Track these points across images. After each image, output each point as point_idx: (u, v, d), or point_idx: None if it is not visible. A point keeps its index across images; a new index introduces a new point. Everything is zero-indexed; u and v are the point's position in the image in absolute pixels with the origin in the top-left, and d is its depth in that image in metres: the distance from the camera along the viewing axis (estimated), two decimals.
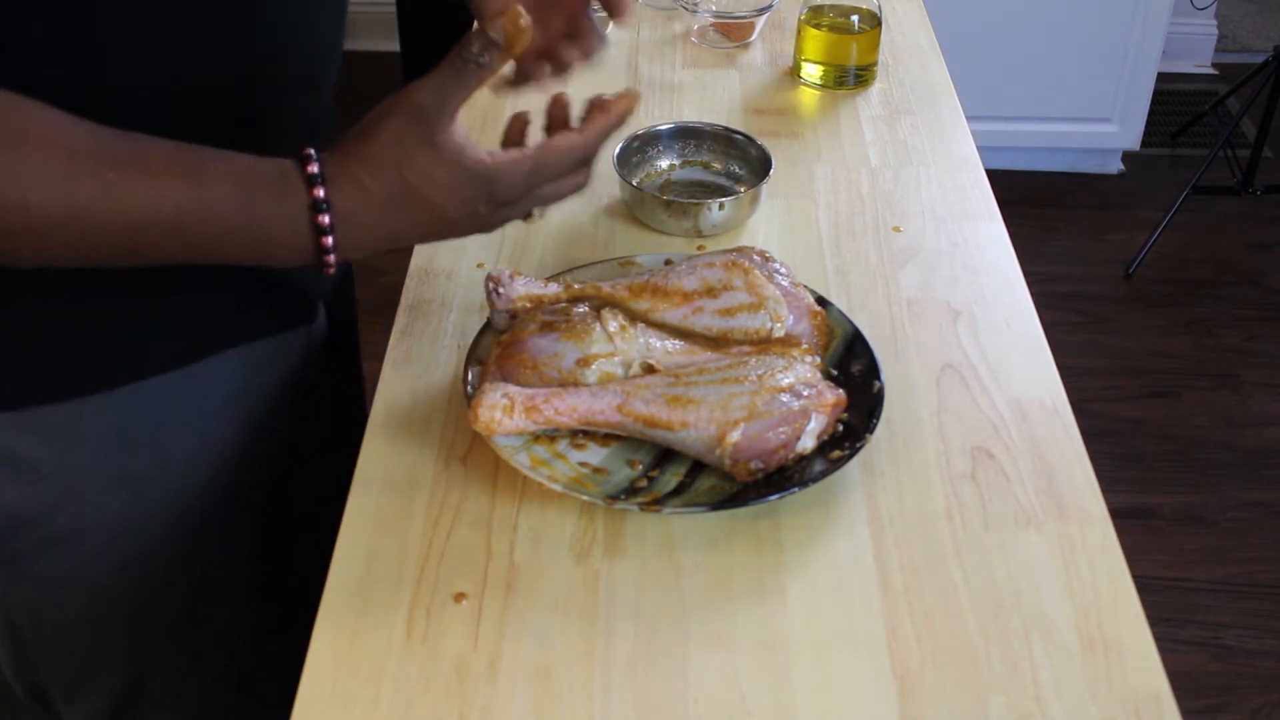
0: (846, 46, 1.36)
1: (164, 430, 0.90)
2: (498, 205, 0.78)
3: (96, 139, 0.70)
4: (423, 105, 0.74)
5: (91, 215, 0.69)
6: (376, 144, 0.74)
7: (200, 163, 0.73)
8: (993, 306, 1.05)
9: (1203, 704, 1.88)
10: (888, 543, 0.84)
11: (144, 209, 0.70)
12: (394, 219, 0.76)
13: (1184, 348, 2.58)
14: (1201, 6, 3.33)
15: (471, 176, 0.75)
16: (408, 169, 0.74)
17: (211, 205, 0.72)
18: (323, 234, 0.74)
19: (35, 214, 0.68)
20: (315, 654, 0.76)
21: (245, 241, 0.74)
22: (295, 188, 0.73)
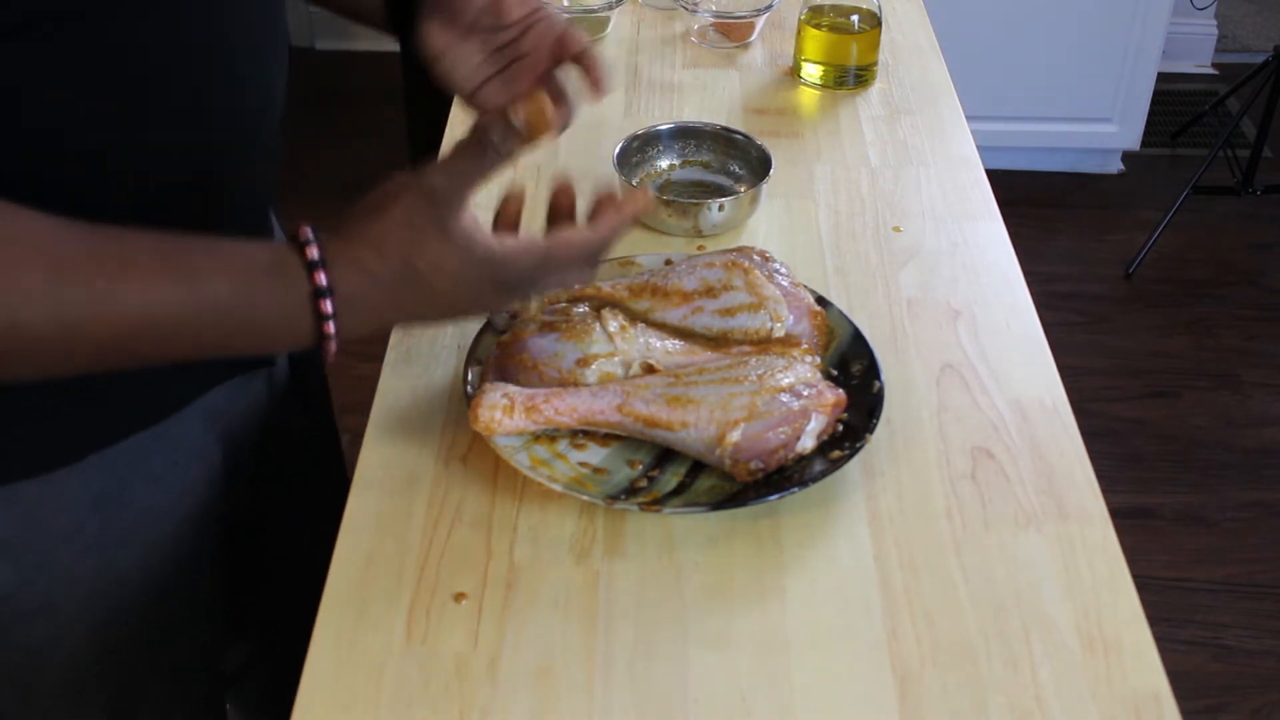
0: (846, 46, 1.36)
1: (133, 491, 0.89)
2: (502, 292, 0.76)
3: (81, 244, 0.66)
4: (436, 189, 0.71)
5: (83, 326, 0.66)
6: (384, 226, 0.71)
7: (192, 258, 0.69)
8: (993, 306, 1.05)
9: (1203, 704, 1.89)
10: (888, 543, 0.84)
11: (138, 314, 0.67)
12: (398, 302, 0.73)
13: (1184, 348, 2.58)
14: (1201, 6, 3.33)
15: (480, 263, 0.73)
16: (416, 254, 0.71)
17: (209, 303, 0.68)
18: (325, 320, 0.71)
19: (24, 332, 0.64)
20: (315, 654, 0.76)
21: (246, 335, 0.72)
22: (295, 275, 0.70)
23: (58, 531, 0.86)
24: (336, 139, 3.15)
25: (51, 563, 0.87)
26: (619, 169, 1.17)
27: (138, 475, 0.89)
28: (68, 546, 0.87)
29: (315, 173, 3.02)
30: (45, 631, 0.90)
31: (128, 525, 0.90)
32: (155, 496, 0.91)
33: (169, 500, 0.92)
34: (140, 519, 0.90)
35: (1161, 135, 3.20)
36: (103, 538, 0.88)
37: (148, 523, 0.91)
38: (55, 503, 0.85)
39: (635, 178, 1.20)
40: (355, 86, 3.37)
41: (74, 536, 0.87)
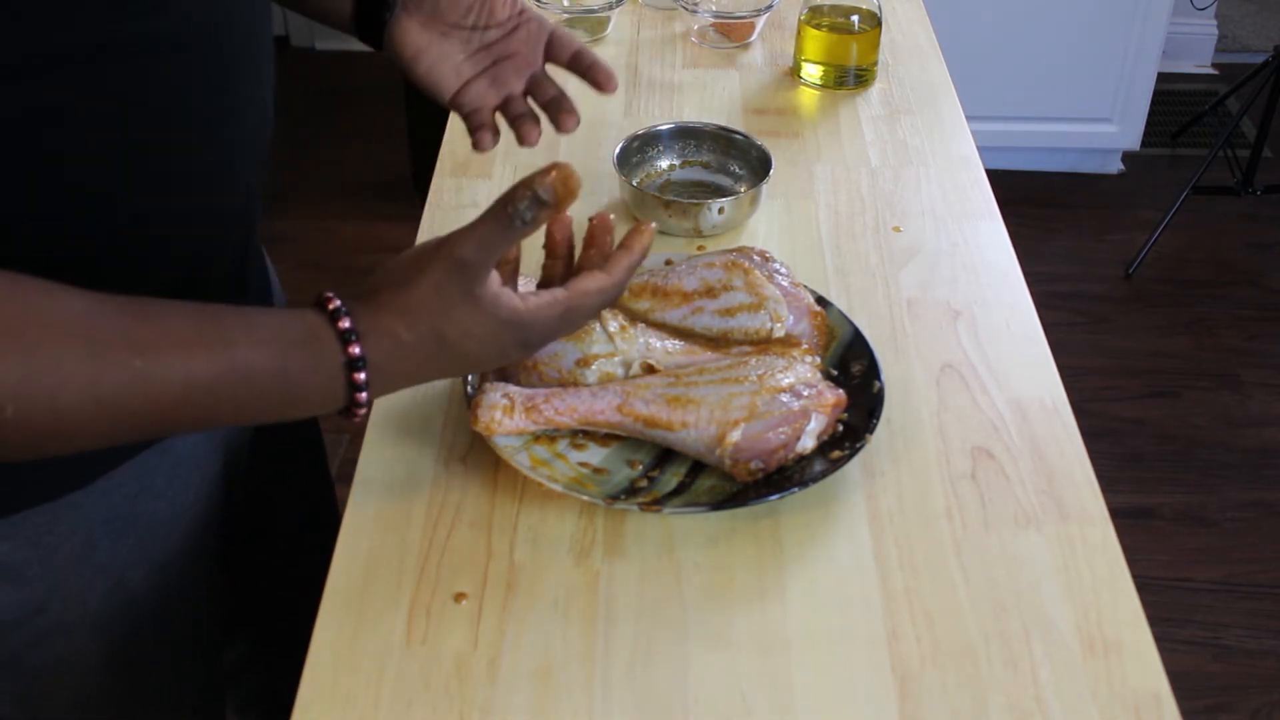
0: (846, 46, 1.36)
1: (139, 509, 0.89)
2: (528, 348, 0.77)
3: (115, 321, 0.67)
4: (465, 260, 0.71)
5: (122, 405, 0.66)
6: (414, 297, 0.72)
7: (225, 331, 0.69)
8: (993, 306, 1.05)
9: (1203, 704, 1.89)
10: (888, 543, 0.84)
11: (177, 390, 0.67)
12: (426, 367, 0.74)
13: (1184, 348, 2.58)
14: (1201, 6, 3.33)
15: (508, 326, 0.74)
16: (445, 323, 0.72)
17: (242, 377, 0.69)
18: (357, 390, 0.72)
19: (64, 414, 0.64)
20: (315, 654, 0.76)
21: (281, 404, 0.72)
22: (329, 348, 0.71)
23: (69, 555, 0.86)
24: (336, 139, 3.15)
25: (63, 586, 0.87)
26: (619, 169, 1.17)
27: (144, 493, 0.89)
28: (79, 569, 0.87)
29: (315, 173, 3.02)
30: (57, 654, 0.90)
31: (135, 543, 0.90)
32: (160, 513, 0.91)
33: (173, 515, 0.93)
34: (147, 536, 0.91)
35: (1161, 135, 3.20)
36: (112, 558, 0.89)
37: (154, 539, 0.92)
38: (66, 527, 0.85)
39: (635, 178, 1.20)
40: (355, 86, 3.37)
41: (85, 559, 0.87)
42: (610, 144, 1.21)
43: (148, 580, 0.93)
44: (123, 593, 0.91)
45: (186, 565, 0.96)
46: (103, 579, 0.89)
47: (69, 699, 0.95)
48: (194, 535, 0.96)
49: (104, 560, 0.88)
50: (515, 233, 0.70)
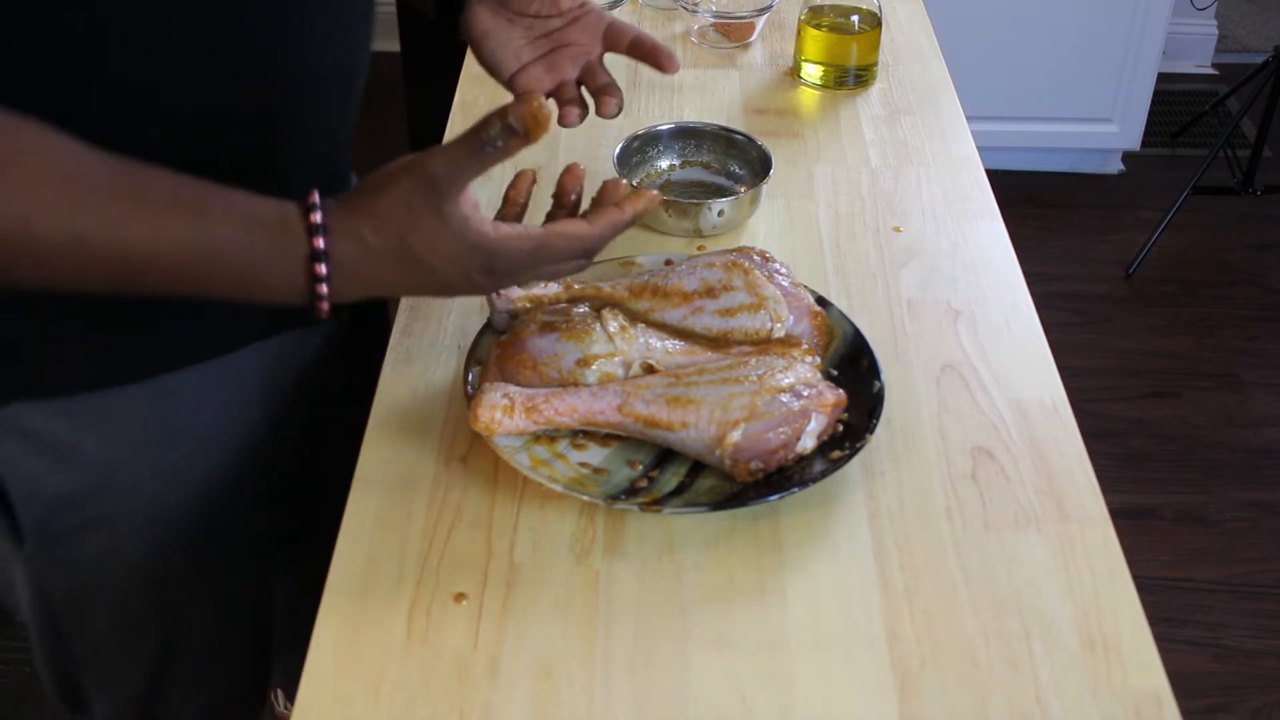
0: (846, 46, 1.36)
1: (196, 421, 0.94)
2: (494, 276, 0.79)
3: (102, 170, 0.70)
4: (435, 175, 0.74)
5: (92, 246, 0.69)
6: (384, 203, 0.75)
7: (203, 201, 0.73)
8: (993, 306, 1.05)
9: (1203, 704, 1.89)
10: (888, 543, 0.84)
11: (144, 244, 0.70)
12: (389, 275, 0.76)
13: (1184, 348, 2.58)
14: (1201, 6, 3.33)
15: (473, 248, 0.76)
16: (411, 234, 0.75)
17: (211, 245, 0.72)
18: (318, 282, 0.74)
19: (37, 240, 0.68)
20: (315, 654, 0.76)
21: (241, 282, 0.75)
22: (296, 236, 0.74)
23: (121, 446, 0.91)
24: None
25: (113, 478, 0.92)
26: (619, 169, 1.17)
27: (201, 409, 0.94)
28: (129, 464, 0.92)
29: None
30: (103, 546, 0.95)
31: (186, 453, 0.95)
32: (213, 430, 0.96)
33: (226, 436, 0.97)
34: (198, 449, 0.95)
35: (1161, 135, 3.19)
36: (162, 462, 0.93)
37: (205, 455, 0.96)
38: (123, 418, 0.90)
39: (635, 178, 1.20)
40: None
41: (135, 455, 0.92)
42: (610, 144, 1.21)
43: (196, 496, 0.97)
44: (171, 499, 0.95)
45: (237, 494, 1.00)
46: (152, 480, 0.94)
47: (111, 598, 0.99)
48: (247, 467, 0.99)
49: (153, 462, 0.93)
50: (485, 157, 0.73)
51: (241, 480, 1.00)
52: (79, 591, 0.98)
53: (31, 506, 0.91)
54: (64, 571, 0.97)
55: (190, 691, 1.10)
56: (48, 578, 0.97)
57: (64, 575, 0.97)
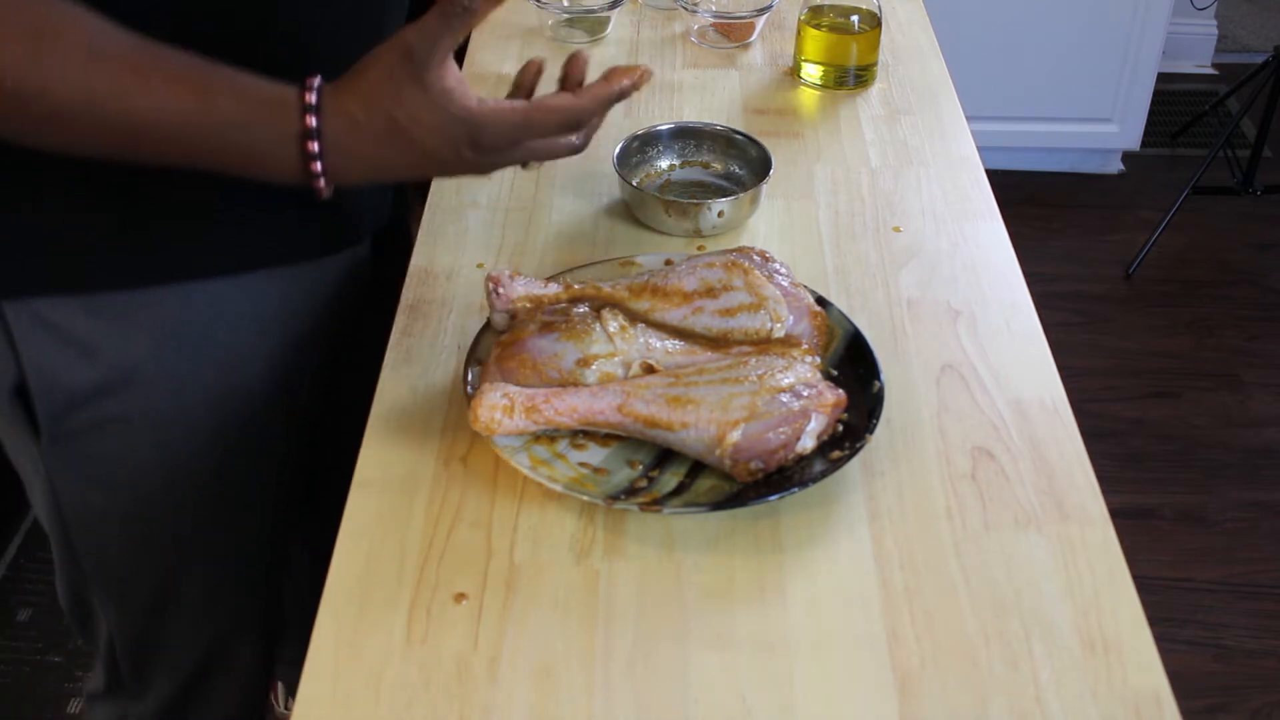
0: (846, 46, 1.36)
1: (212, 331, 0.97)
2: (483, 151, 0.81)
3: (121, 44, 0.76)
4: (411, 46, 0.77)
5: (104, 111, 0.75)
6: (369, 80, 0.78)
7: (209, 77, 0.78)
8: (993, 306, 1.05)
9: (1203, 704, 1.89)
10: (888, 543, 0.84)
11: (151, 113, 0.76)
12: (382, 152, 0.80)
13: (1184, 348, 2.58)
14: (1201, 6, 3.33)
15: (456, 120, 0.79)
16: (396, 107, 0.78)
17: (212, 118, 0.77)
18: (311, 159, 0.79)
19: (54, 103, 0.74)
20: (315, 654, 0.76)
21: (240, 156, 0.79)
22: (290, 114, 0.78)
23: (137, 345, 0.95)
24: None
25: (129, 376, 0.95)
26: (619, 169, 1.17)
27: (219, 321, 0.97)
28: (144, 363, 0.95)
29: None
30: (115, 446, 0.99)
31: (201, 361, 0.98)
32: (229, 344, 0.98)
33: (242, 351, 0.99)
34: (213, 359, 0.98)
35: (1161, 135, 3.20)
36: (177, 365, 0.97)
37: (220, 366, 0.99)
38: (138, 318, 0.94)
39: (635, 178, 1.20)
40: None
41: (151, 355, 0.95)
42: (610, 144, 1.21)
43: (212, 407, 0.99)
44: (186, 405, 0.98)
45: (253, 417, 1.02)
46: (168, 382, 0.97)
47: (119, 505, 1.01)
48: (267, 381, 1.02)
49: (170, 365, 0.96)
50: (457, 20, 0.77)
51: (255, 399, 1.02)
52: (91, 494, 1.01)
53: (49, 399, 0.95)
54: (77, 472, 1.00)
55: (194, 620, 1.11)
56: (61, 479, 1.01)
57: (77, 476, 1.00)
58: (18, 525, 2.06)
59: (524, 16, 1.51)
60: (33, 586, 1.99)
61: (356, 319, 1.12)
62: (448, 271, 1.08)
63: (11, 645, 1.89)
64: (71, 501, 1.02)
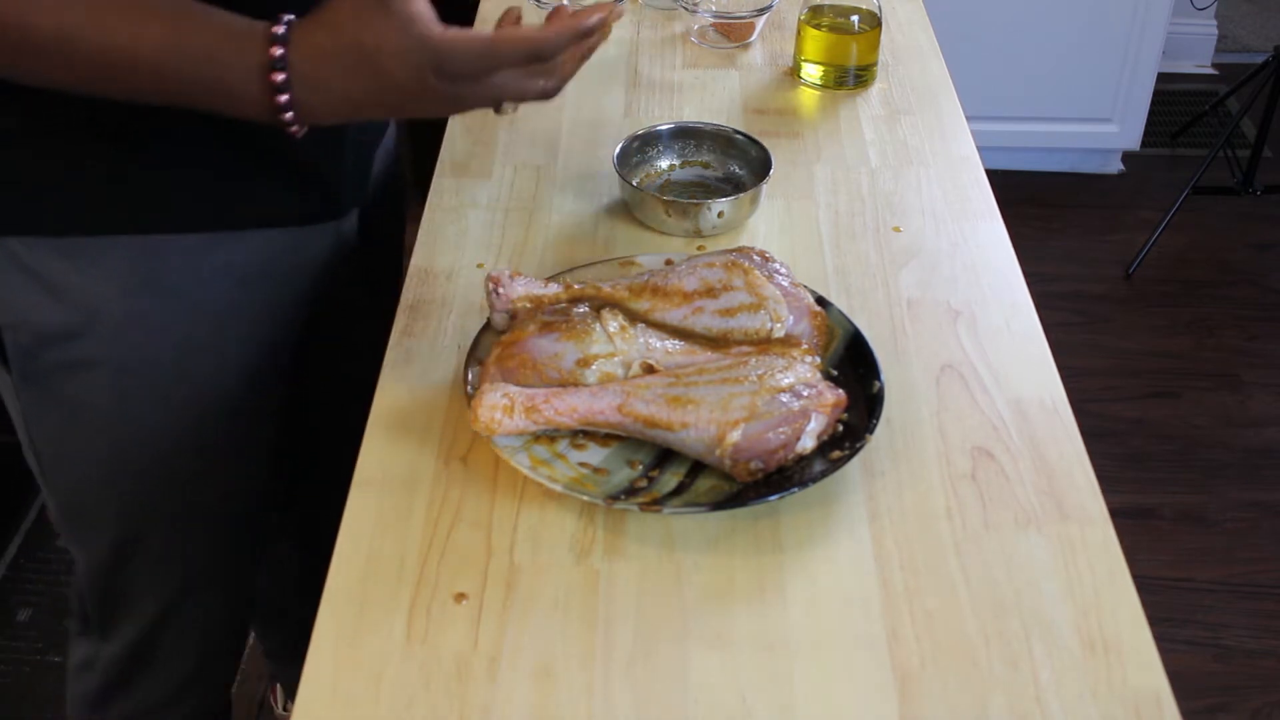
0: (846, 46, 1.36)
1: (182, 283, 0.98)
2: (449, 80, 0.79)
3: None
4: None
5: (77, 42, 0.76)
6: (336, 10, 0.78)
7: (180, 10, 0.78)
8: (993, 306, 1.05)
9: (1203, 704, 1.89)
10: (888, 543, 0.84)
11: (125, 43, 0.77)
12: (350, 83, 0.79)
13: (1184, 348, 2.58)
14: (1201, 6, 3.33)
15: (419, 45, 0.77)
16: (362, 32, 0.77)
17: (182, 52, 0.78)
18: (277, 91, 0.78)
19: (30, 33, 0.76)
20: (315, 654, 0.76)
21: (210, 91, 0.79)
22: (257, 45, 0.78)
23: (106, 289, 0.96)
24: None
25: (98, 318, 0.97)
26: (619, 169, 1.17)
27: (188, 272, 0.98)
28: (111, 307, 0.96)
29: None
30: (83, 388, 1.00)
31: (169, 312, 0.99)
32: (200, 300, 0.99)
33: (214, 309, 1.00)
34: (182, 310, 0.99)
35: (1161, 135, 3.19)
36: (146, 314, 0.98)
37: (193, 322, 1.00)
38: (108, 263, 0.95)
39: (635, 178, 1.20)
40: None
41: (119, 300, 0.96)
42: (610, 144, 1.21)
43: (179, 360, 1.01)
44: (149, 349, 0.99)
45: (222, 367, 1.03)
46: (136, 330, 0.98)
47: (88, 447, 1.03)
48: (238, 341, 1.03)
49: (137, 309, 0.97)
50: None
51: (227, 357, 1.03)
52: (60, 434, 1.03)
53: (19, 337, 0.98)
54: (48, 411, 1.02)
55: (157, 569, 1.13)
56: (32, 413, 1.03)
57: (47, 415, 1.03)
58: (18, 525, 2.06)
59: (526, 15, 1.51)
60: (33, 586, 1.99)
61: (343, 295, 1.13)
62: (448, 271, 1.08)
63: (11, 645, 1.89)
64: (42, 437, 1.05)
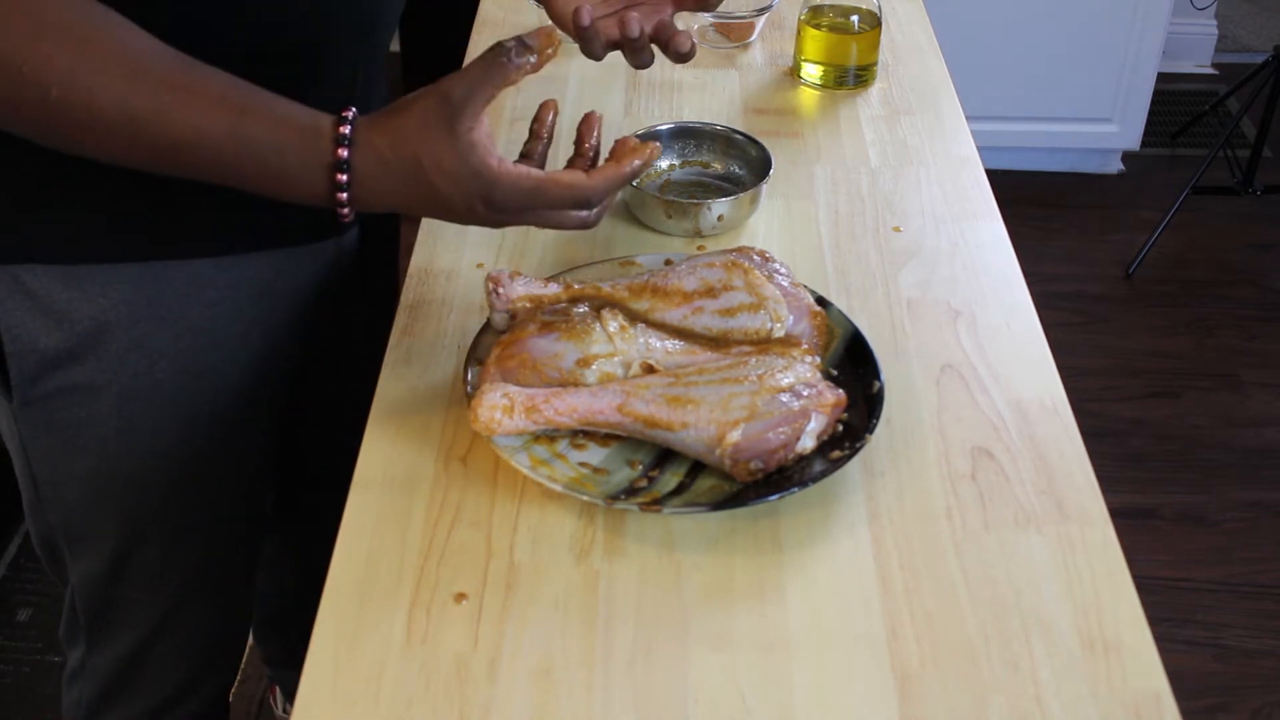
0: (846, 46, 1.36)
1: (185, 308, 0.99)
2: (494, 209, 0.83)
3: (164, 62, 0.79)
4: (450, 94, 0.80)
5: (142, 127, 0.78)
6: (403, 121, 0.81)
7: (247, 100, 0.80)
8: (993, 306, 1.05)
9: (1203, 704, 1.88)
10: (888, 543, 0.84)
11: (188, 133, 0.78)
12: (404, 191, 0.82)
13: (1184, 348, 2.58)
14: (1201, 6, 3.33)
15: (474, 174, 0.81)
16: (423, 150, 0.80)
17: (247, 143, 0.79)
18: (339, 190, 0.81)
19: (97, 116, 0.77)
20: (315, 654, 0.76)
21: (271, 180, 0.82)
22: (324, 145, 0.80)
23: (110, 315, 0.97)
24: None
25: (102, 344, 0.97)
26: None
27: (195, 300, 0.99)
28: (114, 332, 0.97)
29: None
30: (84, 412, 1.01)
31: (171, 337, 0.99)
32: (202, 325, 1.00)
33: (219, 334, 1.01)
34: (184, 335, 1.00)
35: (1161, 135, 3.20)
36: (147, 338, 0.99)
37: (196, 346, 1.01)
38: (115, 291, 0.96)
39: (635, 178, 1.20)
40: None
41: (122, 326, 0.97)
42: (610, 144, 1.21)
43: (181, 381, 1.01)
44: (152, 374, 1.00)
45: (224, 386, 1.04)
46: (137, 355, 0.99)
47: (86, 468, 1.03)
48: (239, 360, 1.04)
49: (140, 335, 0.98)
50: (498, 74, 0.80)
51: (228, 379, 1.04)
52: (58, 457, 1.04)
53: (22, 363, 0.98)
54: (46, 435, 1.03)
55: (149, 587, 1.14)
56: (31, 440, 1.04)
57: (46, 439, 1.03)
58: (18, 525, 2.06)
59: (524, 17, 1.51)
60: (33, 586, 1.99)
61: (341, 310, 1.13)
62: (448, 271, 1.08)
63: (11, 645, 1.89)
64: (40, 462, 1.05)
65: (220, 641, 1.27)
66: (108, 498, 1.06)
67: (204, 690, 1.27)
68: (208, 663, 1.26)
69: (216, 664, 1.28)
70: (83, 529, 1.09)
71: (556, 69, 1.40)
